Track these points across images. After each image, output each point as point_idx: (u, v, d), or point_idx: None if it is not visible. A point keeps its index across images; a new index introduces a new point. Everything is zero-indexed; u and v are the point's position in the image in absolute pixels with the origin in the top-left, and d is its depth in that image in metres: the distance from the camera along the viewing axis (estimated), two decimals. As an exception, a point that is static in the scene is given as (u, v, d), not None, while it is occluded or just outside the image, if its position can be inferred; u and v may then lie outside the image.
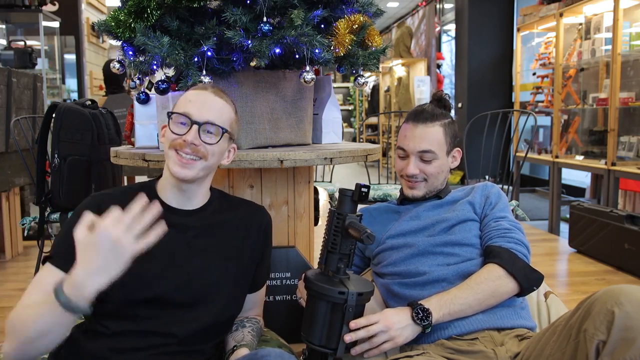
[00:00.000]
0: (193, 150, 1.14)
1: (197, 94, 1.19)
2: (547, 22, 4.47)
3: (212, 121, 1.16)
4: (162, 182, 1.22)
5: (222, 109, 1.20)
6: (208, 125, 1.16)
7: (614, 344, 0.92)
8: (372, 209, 1.60)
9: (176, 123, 1.16)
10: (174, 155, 1.15)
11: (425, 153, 1.43)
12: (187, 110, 1.15)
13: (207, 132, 1.16)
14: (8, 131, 3.13)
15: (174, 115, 1.17)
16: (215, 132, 1.17)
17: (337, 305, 1.14)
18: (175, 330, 1.12)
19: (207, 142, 1.15)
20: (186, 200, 1.21)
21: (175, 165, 1.14)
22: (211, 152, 1.16)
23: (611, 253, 3.32)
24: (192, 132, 1.14)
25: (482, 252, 1.37)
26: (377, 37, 1.67)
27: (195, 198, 1.22)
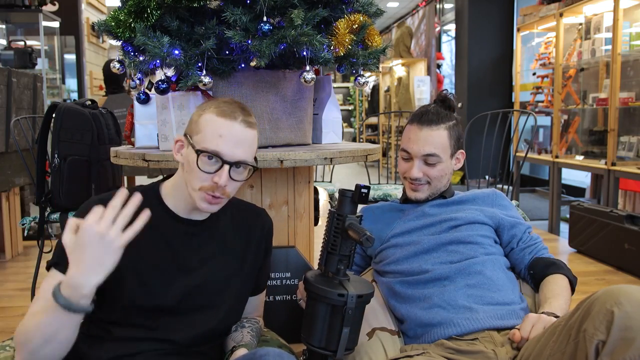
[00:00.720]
0: (222, 192, 1.11)
1: (228, 127, 1.10)
2: (547, 22, 4.47)
3: (243, 160, 1.12)
4: (175, 193, 1.18)
5: (253, 143, 1.15)
6: (240, 164, 1.12)
7: (613, 343, 0.92)
8: (375, 207, 1.60)
9: (204, 160, 1.10)
10: (204, 195, 1.11)
11: (430, 157, 1.43)
12: (218, 150, 1.09)
13: (236, 168, 1.12)
14: (8, 131, 3.13)
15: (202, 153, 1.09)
16: (245, 168, 1.14)
17: (337, 307, 1.14)
18: (177, 336, 1.12)
19: (236, 179, 1.12)
20: (196, 214, 1.19)
21: (204, 203, 1.11)
22: (235, 187, 1.15)
23: (611, 253, 3.32)
24: (224, 174, 1.09)
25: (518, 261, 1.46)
26: (377, 37, 1.67)
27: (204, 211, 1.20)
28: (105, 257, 0.93)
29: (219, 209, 1.16)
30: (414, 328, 1.32)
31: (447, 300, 1.29)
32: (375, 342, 1.30)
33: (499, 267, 1.38)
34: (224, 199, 1.14)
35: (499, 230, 1.47)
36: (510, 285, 1.36)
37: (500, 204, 1.53)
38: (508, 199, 1.55)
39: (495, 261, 1.38)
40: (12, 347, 1.21)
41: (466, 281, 1.32)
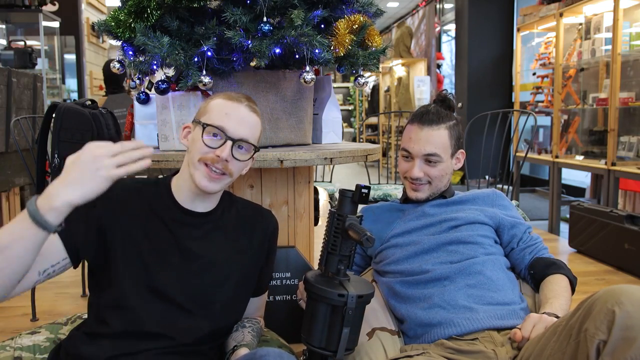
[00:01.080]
0: (223, 167, 1.14)
1: (234, 108, 1.17)
2: (547, 22, 4.47)
3: (246, 138, 1.16)
4: (179, 182, 1.21)
5: (256, 125, 1.20)
6: (242, 142, 1.16)
7: (614, 343, 0.92)
8: (375, 207, 1.60)
9: (209, 135, 1.15)
10: (204, 169, 1.14)
11: (431, 156, 1.43)
12: (224, 125, 1.14)
13: (239, 147, 1.16)
14: (8, 131, 3.13)
15: (207, 126, 1.15)
16: (247, 149, 1.17)
17: (337, 307, 1.13)
18: (176, 330, 1.12)
19: (238, 158, 1.15)
20: (199, 204, 1.21)
21: (204, 179, 1.14)
22: (238, 168, 1.17)
23: (611, 253, 3.32)
24: (227, 148, 1.13)
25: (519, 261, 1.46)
26: (377, 37, 1.67)
27: (208, 202, 1.22)
28: (87, 180, 0.91)
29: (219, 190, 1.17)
30: (414, 328, 1.32)
31: (447, 300, 1.29)
32: (375, 342, 1.30)
33: (499, 267, 1.38)
34: (225, 177, 1.15)
35: (499, 230, 1.47)
36: (510, 285, 1.36)
37: (500, 204, 1.53)
38: (508, 199, 1.55)
39: (495, 261, 1.38)
40: (12, 347, 1.21)
41: (466, 281, 1.32)
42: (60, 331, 1.30)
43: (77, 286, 2.94)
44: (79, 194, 0.90)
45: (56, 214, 0.90)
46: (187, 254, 1.17)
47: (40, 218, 0.90)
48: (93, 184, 0.91)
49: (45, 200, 0.91)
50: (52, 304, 2.71)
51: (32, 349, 1.22)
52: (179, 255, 1.16)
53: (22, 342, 1.23)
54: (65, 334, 1.27)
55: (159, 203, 1.19)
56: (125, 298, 1.10)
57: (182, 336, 1.12)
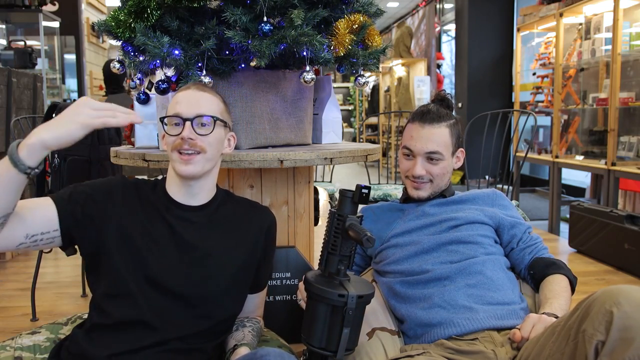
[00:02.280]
0: (191, 145, 1.17)
1: (183, 94, 1.23)
2: (547, 22, 4.47)
3: (201, 113, 1.20)
4: (169, 181, 1.25)
5: (208, 100, 1.24)
6: (198, 118, 1.19)
7: (612, 344, 0.92)
8: (375, 207, 1.60)
9: (171, 126, 1.20)
10: (177, 156, 1.19)
11: (433, 154, 1.44)
12: (177, 111, 1.20)
13: (199, 125, 1.19)
14: (8, 131, 3.13)
15: (166, 119, 1.21)
16: (208, 122, 1.20)
17: (337, 308, 1.13)
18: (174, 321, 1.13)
19: (202, 133, 1.18)
20: (191, 196, 1.23)
21: (180, 165, 1.18)
22: (208, 142, 1.19)
23: (611, 253, 3.32)
24: (186, 128, 1.17)
25: (518, 261, 1.46)
26: (377, 37, 1.67)
27: (201, 193, 1.24)
28: (64, 123, 0.95)
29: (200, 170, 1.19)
30: (414, 328, 1.32)
31: (447, 300, 1.29)
32: (375, 342, 1.30)
33: (499, 267, 1.38)
34: (198, 156, 1.18)
35: (499, 230, 1.48)
36: (510, 285, 1.36)
37: (500, 203, 1.53)
38: (508, 199, 1.56)
39: (495, 261, 1.38)
40: (12, 347, 1.21)
41: (466, 281, 1.32)
42: (60, 331, 1.31)
43: (77, 286, 2.94)
44: (53, 134, 0.95)
45: (28, 151, 0.94)
46: (183, 245, 1.19)
47: (14, 155, 0.94)
48: (68, 127, 0.95)
49: (24, 140, 0.96)
50: (52, 304, 2.71)
51: (33, 349, 1.22)
52: (175, 244, 1.18)
53: (23, 342, 1.23)
54: (66, 334, 1.27)
55: (156, 198, 1.23)
56: (123, 285, 1.12)
57: (180, 327, 1.13)
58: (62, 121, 0.96)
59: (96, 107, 0.98)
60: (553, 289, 1.33)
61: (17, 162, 0.94)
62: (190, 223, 1.22)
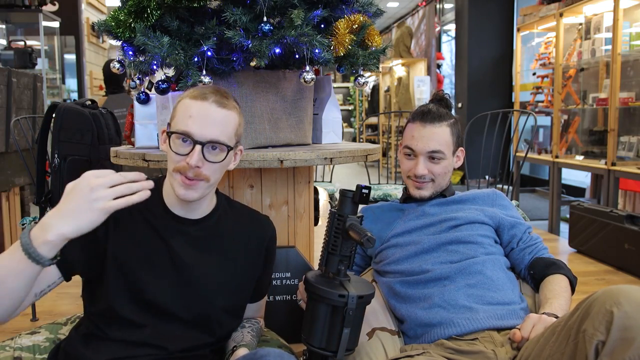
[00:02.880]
0: (196, 174, 1.08)
1: (198, 108, 1.09)
2: (547, 22, 4.47)
3: (215, 139, 1.08)
4: (167, 188, 1.17)
5: (226, 122, 1.10)
6: (212, 144, 1.08)
7: (613, 344, 0.92)
8: (375, 207, 1.60)
9: (178, 141, 1.09)
10: (179, 177, 1.09)
11: (435, 153, 1.44)
12: (188, 130, 1.07)
13: (210, 148, 1.09)
14: (8, 131, 3.13)
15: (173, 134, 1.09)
16: (221, 148, 1.10)
17: (338, 308, 1.13)
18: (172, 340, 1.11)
19: (211, 160, 1.08)
20: (190, 211, 1.17)
21: (180, 188, 1.09)
22: (214, 170, 1.10)
23: (611, 253, 3.32)
24: (196, 154, 1.06)
25: (518, 261, 1.45)
26: (377, 37, 1.67)
27: (199, 208, 1.18)
28: (82, 211, 0.87)
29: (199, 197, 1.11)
30: (414, 328, 1.32)
31: (448, 300, 1.29)
32: (375, 342, 1.30)
33: (499, 267, 1.38)
34: (202, 182, 1.09)
35: (499, 230, 1.48)
36: (510, 285, 1.36)
37: (500, 203, 1.53)
38: (508, 199, 1.56)
39: (495, 261, 1.38)
40: (12, 347, 1.21)
41: (466, 281, 1.32)
42: (60, 331, 1.30)
43: (77, 286, 2.92)
44: (74, 227, 0.87)
45: (49, 247, 0.88)
46: (180, 263, 1.14)
47: (33, 252, 0.87)
48: (88, 216, 0.88)
49: (39, 231, 0.87)
50: (52, 304, 2.71)
51: (32, 349, 1.22)
52: (172, 265, 1.13)
53: (22, 342, 1.23)
54: (65, 334, 1.27)
55: (151, 211, 1.15)
56: (117, 311, 1.09)
57: (178, 345, 1.12)
58: (80, 209, 0.87)
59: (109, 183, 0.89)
60: (553, 289, 1.33)
61: (39, 259, 0.88)
62: (189, 238, 1.16)
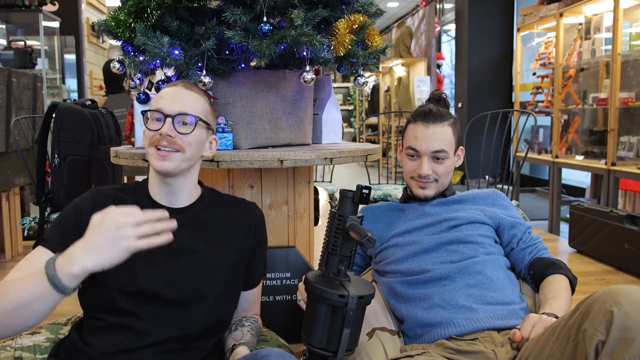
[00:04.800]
0: (170, 142, 1.16)
1: (168, 90, 1.21)
2: (547, 22, 4.47)
3: (184, 111, 1.18)
4: (150, 180, 1.24)
5: (194, 99, 1.21)
6: (181, 117, 1.17)
7: (613, 344, 0.92)
8: (375, 207, 1.60)
9: (152, 120, 1.18)
10: (154, 151, 1.17)
11: (438, 153, 1.45)
12: (160, 106, 1.18)
13: (181, 123, 1.17)
14: (8, 131, 3.13)
15: (148, 113, 1.19)
16: (190, 122, 1.18)
17: (338, 308, 1.13)
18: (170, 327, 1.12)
19: (182, 132, 1.17)
20: (173, 197, 1.22)
21: (156, 160, 1.16)
22: (187, 142, 1.17)
23: (611, 253, 3.32)
24: (167, 124, 1.16)
25: (518, 261, 1.45)
26: (377, 37, 1.67)
27: (182, 193, 1.22)
28: (107, 248, 0.92)
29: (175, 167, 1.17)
30: (414, 328, 1.32)
31: (448, 300, 1.29)
32: (375, 342, 1.30)
33: (499, 267, 1.38)
34: (176, 154, 1.16)
35: (499, 230, 1.48)
36: (510, 285, 1.36)
37: (500, 203, 1.53)
38: (508, 199, 1.56)
39: (495, 261, 1.39)
40: (12, 347, 1.21)
41: (466, 281, 1.32)
42: (60, 331, 1.31)
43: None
44: (96, 262, 0.92)
45: (73, 279, 0.93)
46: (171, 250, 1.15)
47: (57, 282, 0.92)
48: (111, 254, 0.92)
49: (65, 263, 0.92)
50: (52, 303, 2.71)
51: (33, 349, 1.22)
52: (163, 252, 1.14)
53: (23, 342, 1.23)
54: (66, 334, 1.27)
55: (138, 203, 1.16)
56: (114, 303, 1.10)
57: (176, 332, 1.13)
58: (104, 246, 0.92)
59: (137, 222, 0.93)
60: (553, 289, 1.33)
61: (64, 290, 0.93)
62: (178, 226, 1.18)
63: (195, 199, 1.25)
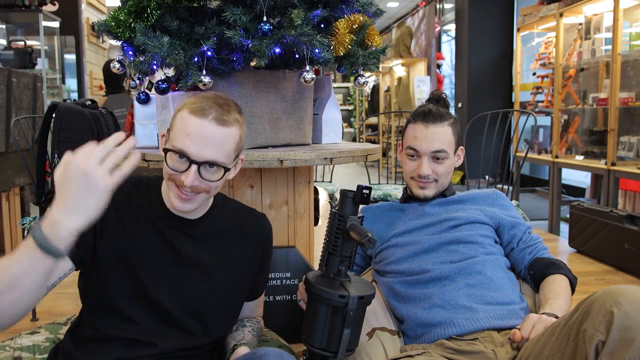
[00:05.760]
0: (193, 190, 1.07)
1: (197, 126, 1.05)
2: (547, 22, 4.47)
3: (213, 160, 1.06)
4: (165, 189, 1.16)
5: (224, 141, 1.07)
6: (209, 164, 1.06)
7: (613, 344, 0.92)
8: (375, 207, 1.60)
9: (174, 160, 1.07)
10: (175, 190, 1.08)
11: (439, 153, 1.45)
12: (185, 149, 1.04)
13: (207, 167, 1.07)
14: (8, 131, 3.13)
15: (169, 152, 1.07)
16: (217, 168, 1.08)
17: (338, 308, 1.13)
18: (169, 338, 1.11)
19: (207, 179, 1.07)
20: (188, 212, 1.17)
21: (176, 200, 1.08)
22: (214, 186, 1.10)
23: (611, 253, 3.32)
24: (191, 173, 1.05)
25: (518, 261, 1.45)
26: (377, 37, 1.67)
27: (198, 211, 1.18)
28: (86, 199, 0.84)
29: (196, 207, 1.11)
30: (414, 328, 1.32)
31: (448, 300, 1.29)
32: (375, 342, 1.30)
33: (499, 267, 1.38)
34: (199, 196, 1.09)
35: (499, 230, 1.48)
36: (510, 285, 1.36)
37: (500, 203, 1.53)
38: (508, 199, 1.56)
39: (495, 261, 1.39)
40: (12, 347, 1.21)
41: (466, 281, 1.32)
42: (60, 331, 1.30)
43: (77, 286, 2.93)
44: (83, 219, 0.85)
45: (64, 242, 0.86)
46: (180, 261, 1.14)
47: (48, 245, 0.85)
48: (94, 202, 0.85)
49: (50, 228, 0.85)
50: (52, 304, 2.71)
51: (32, 349, 1.22)
52: (171, 262, 1.14)
53: (22, 342, 1.23)
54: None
55: (151, 209, 1.15)
56: (116, 306, 1.09)
57: (175, 343, 1.12)
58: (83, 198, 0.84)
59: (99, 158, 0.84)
60: (553, 289, 1.33)
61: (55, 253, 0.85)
62: (188, 237, 1.16)
63: (207, 208, 1.20)
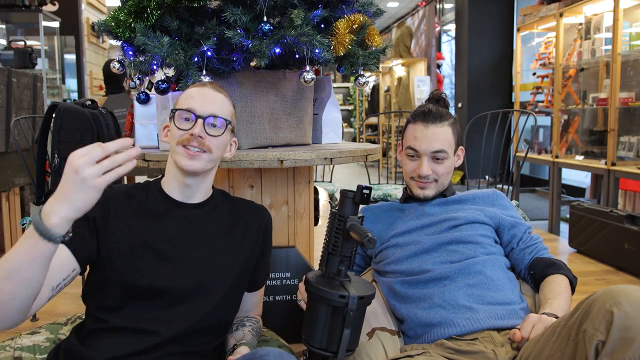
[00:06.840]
0: (199, 144, 1.17)
1: (198, 90, 1.22)
2: (547, 22, 4.47)
3: (215, 114, 1.20)
4: (167, 178, 1.25)
5: (223, 102, 1.24)
6: (212, 119, 1.19)
7: (613, 344, 0.92)
8: (375, 207, 1.60)
9: (180, 119, 1.19)
10: (182, 150, 1.18)
11: (438, 153, 1.45)
12: (191, 106, 1.19)
13: (211, 125, 1.19)
14: (8, 131, 3.13)
15: (177, 112, 1.20)
16: (220, 124, 1.21)
17: (338, 308, 1.13)
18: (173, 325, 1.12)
19: (212, 134, 1.19)
20: (189, 195, 1.23)
21: (184, 159, 1.17)
22: (216, 145, 1.20)
23: (611, 253, 3.32)
24: (198, 126, 1.17)
25: (518, 261, 1.45)
26: (377, 37, 1.67)
27: (198, 192, 1.24)
28: (76, 193, 0.89)
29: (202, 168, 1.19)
30: (414, 328, 1.32)
31: (448, 300, 1.29)
32: (375, 342, 1.30)
33: (499, 267, 1.38)
34: (204, 154, 1.18)
35: (499, 230, 1.48)
36: (510, 285, 1.36)
37: (500, 203, 1.53)
38: (508, 199, 1.56)
39: (495, 261, 1.39)
40: (12, 347, 1.21)
41: (466, 281, 1.32)
42: (60, 331, 1.31)
43: (77, 286, 2.92)
44: (72, 208, 0.90)
45: (58, 228, 0.90)
46: (182, 248, 1.18)
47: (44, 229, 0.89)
48: (82, 197, 0.89)
49: (45, 214, 0.90)
50: (52, 304, 2.71)
51: (32, 349, 1.22)
52: (174, 249, 1.17)
53: (22, 342, 1.23)
54: (66, 334, 1.27)
55: (151, 200, 1.21)
56: (122, 297, 1.11)
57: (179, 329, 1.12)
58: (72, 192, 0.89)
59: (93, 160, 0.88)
60: (553, 289, 1.33)
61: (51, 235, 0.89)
62: (190, 222, 1.21)
63: (208, 196, 1.28)
